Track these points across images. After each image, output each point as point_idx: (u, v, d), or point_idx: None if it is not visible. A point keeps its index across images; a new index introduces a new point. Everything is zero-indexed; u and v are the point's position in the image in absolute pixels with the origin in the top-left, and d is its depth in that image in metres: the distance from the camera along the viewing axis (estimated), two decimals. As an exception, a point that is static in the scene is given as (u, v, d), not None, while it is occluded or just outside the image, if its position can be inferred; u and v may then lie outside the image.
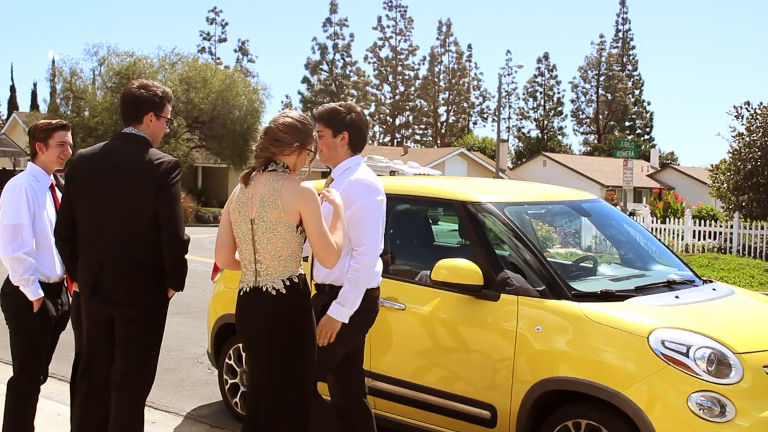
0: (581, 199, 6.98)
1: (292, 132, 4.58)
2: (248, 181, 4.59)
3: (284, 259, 4.53)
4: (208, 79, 47.37)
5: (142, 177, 4.88)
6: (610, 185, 53.46)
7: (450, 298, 5.75)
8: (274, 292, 4.51)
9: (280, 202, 4.45)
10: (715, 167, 27.78)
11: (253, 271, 4.57)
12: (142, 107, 5.06)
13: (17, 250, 5.31)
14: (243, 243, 4.60)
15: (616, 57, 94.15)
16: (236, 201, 4.63)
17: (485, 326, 5.60)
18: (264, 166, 4.60)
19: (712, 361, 4.85)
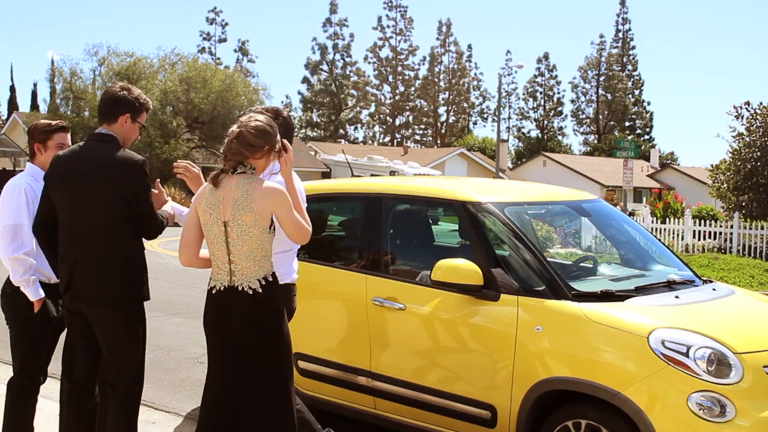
0: (581, 199, 6.98)
1: (264, 136, 4.65)
2: (218, 184, 4.62)
3: (258, 259, 4.60)
4: (208, 79, 47.43)
5: (110, 177, 4.93)
6: (610, 185, 53.53)
7: (450, 298, 5.75)
8: (250, 291, 4.58)
9: (255, 206, 4.53)
10: (715, 167, 27.78)
11: (228, 271, 4.61)
12: (119, 107, 5.12)
13: (17, 251, 5.31)
14: (215, 244, 4.63)
15: (616, 57, 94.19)
16: (206, 203, 4.65)
17: (485, 326, 5.59)
18: (233, 169, 4.64)
19: (712, 361, 4.85)
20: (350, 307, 6.33)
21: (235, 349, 4.63)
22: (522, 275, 5.64)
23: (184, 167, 5.39)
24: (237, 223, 4.54)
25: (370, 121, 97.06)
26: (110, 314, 4.98)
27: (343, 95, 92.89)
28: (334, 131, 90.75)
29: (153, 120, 44.19)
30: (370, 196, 6.69)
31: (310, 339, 6.45)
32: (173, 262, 20.29)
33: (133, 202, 4.93)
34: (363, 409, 6.30)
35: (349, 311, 6.34)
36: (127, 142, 5.17)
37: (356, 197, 6.97)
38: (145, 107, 5.22)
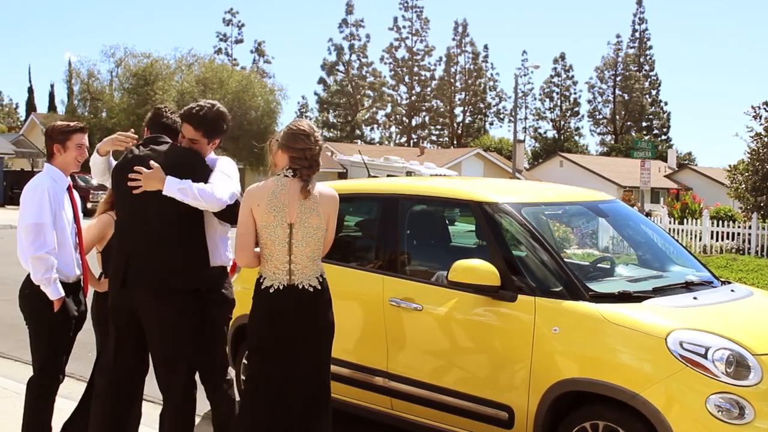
0: (598, 200, 6.96)
1: None
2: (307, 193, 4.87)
3: (315, 259, 4.94)
4: (224, 80, 47.55)
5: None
6: (627, 186, 53.37)
7: (467, 299, 5.74)
8: (311, 289, 4.90)
9: (321, 210, 4.91)
10: (733, 168, 27.64)
11: (287, 271, 4.86)
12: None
13: (39, 250, 5.34)
14: (276, 245, 4.84)
15: (632, 57, 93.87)
16: (269, 205, 4.83)
17: (502, 327, 5.59)
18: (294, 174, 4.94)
19: (731, 363, 4.83)
20: (367, 307, 6.33)
21: (294, 344, 4.88)
22: (539, 276, 5.63)
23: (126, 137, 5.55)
24: (303, 225, 4.85)
25: (386, 122, 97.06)
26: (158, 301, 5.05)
27: (359, 96, 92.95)
28: (351, 132, 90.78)
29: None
30: (386, 196, 6.70)
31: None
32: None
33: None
34: (379, 409, 6.30)
35: (365, 312, 6.34)
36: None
37: (373, 198, 6.97)
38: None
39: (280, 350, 4.90)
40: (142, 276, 5.04)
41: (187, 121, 5.32)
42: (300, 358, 4.90)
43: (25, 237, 5.38)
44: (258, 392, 4.96)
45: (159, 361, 5.14)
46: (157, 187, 4.97)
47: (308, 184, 4.89)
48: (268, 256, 4.88)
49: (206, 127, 5.32)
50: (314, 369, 4.97)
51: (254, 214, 4.87)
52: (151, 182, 4.99)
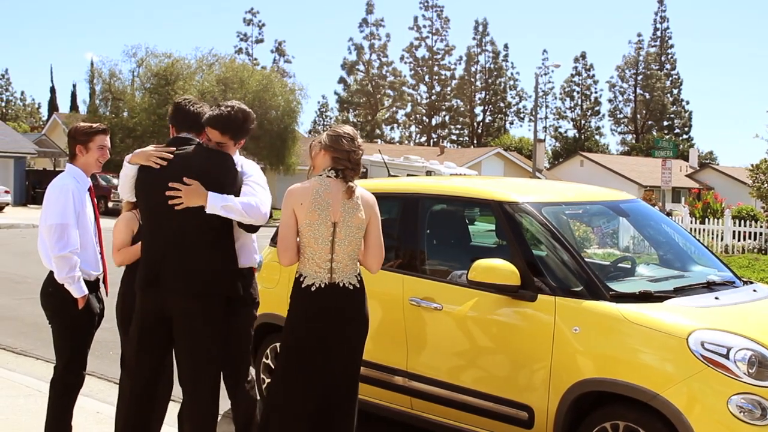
0: (619, 200, 6.93)
1: None
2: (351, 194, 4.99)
3: (354, 258, 5.07)
4: (245, 80, 47.65)
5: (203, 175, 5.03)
6: (648, 185, 53.06)
7: (487, 299, 5.73)
8: (351, 287, 5.01)
9: (363, 209, 5.02)
10: (755, 167, 27.49)
11: (328, 269, 4.97)
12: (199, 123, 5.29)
13: (63, 249, 5.38)
14: (319, 243, 4.93)
15: (654, 56, 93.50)
16: (313, 204, 4.91)
17: (522, 327, 5.58)
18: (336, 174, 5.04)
19: (753, 363, 4.80)
20: (387, 307, 6.33)
21: (332, 341, 4.98)
22: (559, 276, 5.61)
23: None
24: (346, 224, 4.96)
25: (407, 121, 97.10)
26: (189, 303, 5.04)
27: (380, 95, 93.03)
28: (371, 131, 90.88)
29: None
30: (406, 196, 6.70)
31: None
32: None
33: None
34: (399, 409, 6.30)
35: (385, 311, 6.34)
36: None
37: (393, 197, 6.96)
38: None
39: (318, 347, 4.98)
40: (174, 280, 5.03)
41: (213, 126, 5.18)
42: (335, 355, 5.00)
43: (48, 237, 5.43)
44: (290, 388, 5.02)
45: (186, 365, 5.13)
46: (199, 203, 4.91)
47: (352, 185, 5.00)
48: (311, 254, 4.97)
49: (233, 130, 5.23)
50: (348, 366, 5.08)
51: (297, 213, 4.96)
52: (193, 199, 4.92)
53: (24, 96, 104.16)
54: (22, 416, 6.74)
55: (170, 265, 5.04)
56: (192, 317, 5.04)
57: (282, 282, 5.21)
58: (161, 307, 5.08)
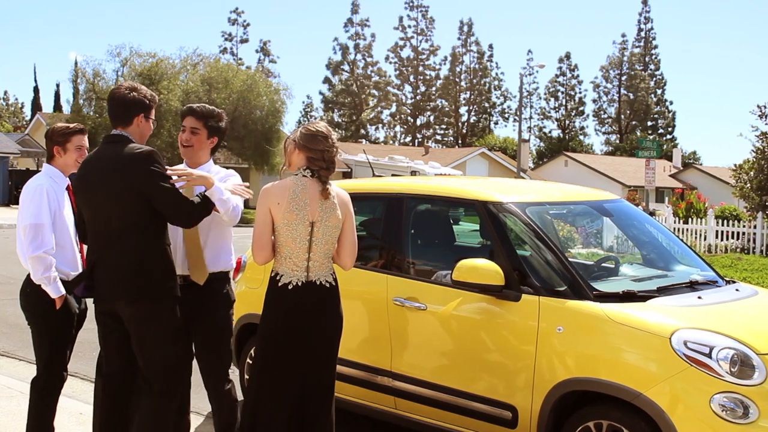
0: (603, 199, 6.95)
1: None
2: (326, 195, 4.99)
3: (329, 256, 5.10)
4: (229, 80, 47.51)
5: (119, 175, 4.92)
6: (632, 185, 53.25)
7: (471, 299, 5.74)
8: (327, 285, 5.06)
9: (340, 209, 5.05)
10: (738, 167, 27.61)
11: (305, 268, 4.99)
12: (133, 109, 5.14)
13: (38, 249, 5.37)
14: (296, 243, 4.95)
15: (638, 56, 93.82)
16: (291, 204, 4.92)
17: (506, 327, 5.58)
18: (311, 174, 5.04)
19: (735, 362, 4.82)
20: (371, 307, 6.33)
21: (309, 339, 5.00)
22: (543, 275, 5.62)
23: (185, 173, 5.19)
24: (324, 224, 4.99)
25: (391, 121, 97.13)
26: (136, 311, 4.97)
27: (364, 95, 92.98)
28: (355, 131, 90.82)
29: (175, 120, 44.35)
30: (391, 196, 6.70)
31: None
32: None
33: (149, 194, 4.90)
34: (383, 409, 6.30)
35: (369, 311, 6.34)
36: (144, 139, 5.22)
37: (377, 197, 6.97)
38: (153, 102, 5.26)
39: (295, 345, 5.00)
40: (111, 285, 4.97)
41: (190, 113, 5.45)
42: (312, 352, 5.02)
43: (24, 237, 5.44)
44: (265, 386, 5.03)
45: (142, 365, 5.09)
46: (203, 185, 5.05)
47: (327, 186, 5.00)
48: (288, 253, 4.98)
49: (207, 118, 5.44)
50: (325, 363, 5.10)
51: (273, 212, 4.96)
52: (199, 180, 5.05)
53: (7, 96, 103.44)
54: (3, 417, 6.71)
55: (105, 270, 4.98)
56: (137, 321, 4.98)
57: (266, 282, 5.20)
58: (110, 309, 5.05)
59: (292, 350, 5.00)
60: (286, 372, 5.00)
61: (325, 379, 5.12)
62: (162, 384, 5.05)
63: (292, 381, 5.01)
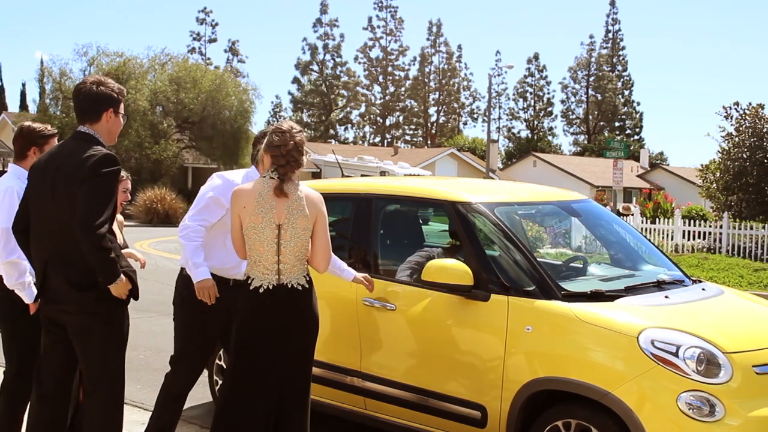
0: (571, 200, 6.99)
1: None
2: (282, 194, 4.91)
3: (302, 259, 5.04)
4: (198, 80, 47.36)
5: (71, 175, 4.72)
6: (600, 185, 53.57)
7: (441, 299, 5.74)
8: (300, 287, 5.00)
9: (307, 211, 4.98)
10: (704, 167, 27.84)
11: (276, 271, 4.95)
12: (102, 104, 4.93)
13: (11, 255, 5.26)
14: (264, 245, 4.91)
15: (605, 57, 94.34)
16: (256, 207, 4.89)
17: (476, 326, 5.60)
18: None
19: (702, 361, 4.86)
20: (340, 307, 6.32)
21: (282, 342, 4.98)
22: (512, 275, 5.64)
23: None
24: (291, 226, 4.93)
25: (361, 122, 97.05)
26: (87, 320, 4.84)
27: (334, 95, 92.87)
28: (325, 131, 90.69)
29: (143, 120, 44.14)
30: (360, 196, 6.69)
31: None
32: (163, 263, 20.27)
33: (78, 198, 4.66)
34: (352, 409, 6.30)
35: (339, 312, 6.33)
36: (113, 135, 5.05)
37: (346, 198, 6.96)
38: (122, 96, 5.06)
39: (267, 348, 4.98)
40: (57, 288, 4.82)
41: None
42: (286, 355, 5.01)
43: None
44: (240, 388, 5.02)
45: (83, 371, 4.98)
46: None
47: (283, 183, 4.91)
48: (257, 257, 4.95)
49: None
50: (299, 365, 5.08)
51: (241, 216, 4.94)
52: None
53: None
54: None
55: (51, 274, 4.84)
56: (79, 326, 4.85)
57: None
58: (53, 315, 4.92)
59: (264, 353, 4.99)
60: (259, 374, 4.99)
61: (300, 382, 5.11)
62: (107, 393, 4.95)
63: (265, 384, 4.99)
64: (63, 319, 4.87)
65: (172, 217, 39.18)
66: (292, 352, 5.03)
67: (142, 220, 38.79)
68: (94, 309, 4.81)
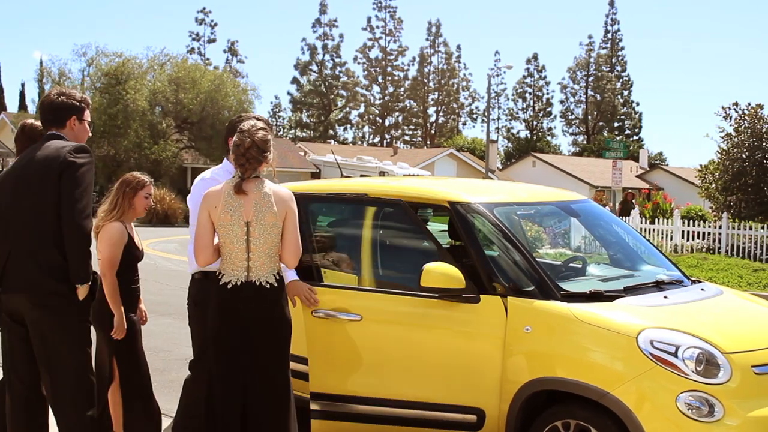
0: (570, 200, 6.98)
1: (270, 144, 5.09)
2: (241, 190, 4.93)
3: (272, 256, 5.04)
4: (197, 80, 47.32)
5: (45, 166, 4.87)
6: (599, 186, 53.56)
7: (433, 303, 5.60)
8: (268, 285, 5.00)
9: (276, 207, 4.97)
10: (703, 167, 27.81)
11: (245, 268, 4.98)
12: (64, 112, 5.13)
13: None
14: (234, 243, 4.94)
15: (605, 58, 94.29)
16: (225, 206, 4.94)
17: (474, 328, 5.56)
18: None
19: (701, 361, 4.86)
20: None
21: (251, 340, 4.98)
22: (511, 276, 5.63)
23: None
24: (260, 223, 4.96)
25: (360, 122, 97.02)
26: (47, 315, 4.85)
27: (333, 96, 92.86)
28: (324, 132, 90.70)
29: (142, 121, 44.12)
30: (359, 197, 6.67)
31: (296, 339, 6.41)
32: (162, 263, 20.26)
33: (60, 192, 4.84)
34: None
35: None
36: (81, 141, 5.17)
37: (345, 198, 6.93)
38: (85, 104, 5.25)
39: (236, 345, 4.99)
40: (18, 278, 4.87)
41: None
42: (252, 352, 4.99)
43: None
44: (213, 385, 5.05)
45: (42, 370, 4.99)
46: None
47: (242, 181, 4.97)
48: (227, 254, 5.00)
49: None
50: (268, 364, 5.05)
51: (212, 216, 5.00)
52: None
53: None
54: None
55: (14, 266, 4.89)
56: (36, 318, 4.87)
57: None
58: (14, 308, 4.94)
59: (232, 350, 5.00)
60: (228, 372, 5.00)
61: (270, 381, 5.05)
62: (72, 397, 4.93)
63: (235, 380, 4.99)
64: (22, 312, 4.89)
65: (171, 217, 39.21)
66: (259, 350, 5.01)
67: (141, 220, 38.46)
68: (50, 303, 4.84)
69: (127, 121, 43.58)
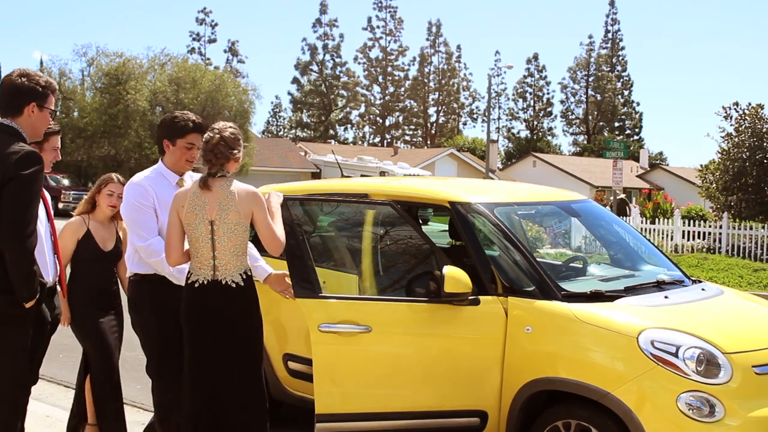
0: (571, 200, 6.98)
1: (239, 142, 5.17)
2: (206, 187, 4.99)
3: (239, 255, 5.02)
4: (197, 80, 47.29)
5: None
6: (599, 186, 53.57)
7: (431, 308, 5.52)
8: (234, 284, 4.98)
9: (239, 206, 4.96)
10: (704, 167, 27.82)
11: (211, 267, 4.99)
12: (22, 97, 4.68)
13: None
14: (200, 242, 4.98)
15: (605, 57, 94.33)
16: (190, 205, 4.99)
17: (474, 328, 5.55)
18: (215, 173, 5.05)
19: (702, 361, 4.86)
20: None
21: (219, 339, 4.98)
22: (512, 276, 5.63)
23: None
24: (223, 221, 4.94)
25: (360, 122, 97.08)
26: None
27: (333, 96, 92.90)
28: (324, 132, 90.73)
29: (142, 121, 44.08)
30: (359, 196, 6.67)
31: (298, 340, 6.43)
32: (163, 263, 20.23)
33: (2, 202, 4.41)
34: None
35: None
36: (38, 130, 4.83)
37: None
38: (49, 90, 4.81)
39: (201, 342, 5.01)
40: None
41: (198, 130, 5.66)
42: (220, 351, 4.98)
43: None
44: (183, 384, 5.09)
45: None
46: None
47: (208, 177, 5.02)
48: (195, 253, 5.03)
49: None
50: (236, 363, 5.01)
51: (180, 215, 5.04)
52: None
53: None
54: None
55: None
56: None
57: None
58: None
59: (199, 347, 5.01)
60: (198, 369, 5.02)
61: (239, 380, 5.00)
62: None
63: (205, 378, 4.99)
64: None
65: (171, 217, 39.13)
66: (226, 348, 4.99)
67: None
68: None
69: (127, 121, 43.57)
